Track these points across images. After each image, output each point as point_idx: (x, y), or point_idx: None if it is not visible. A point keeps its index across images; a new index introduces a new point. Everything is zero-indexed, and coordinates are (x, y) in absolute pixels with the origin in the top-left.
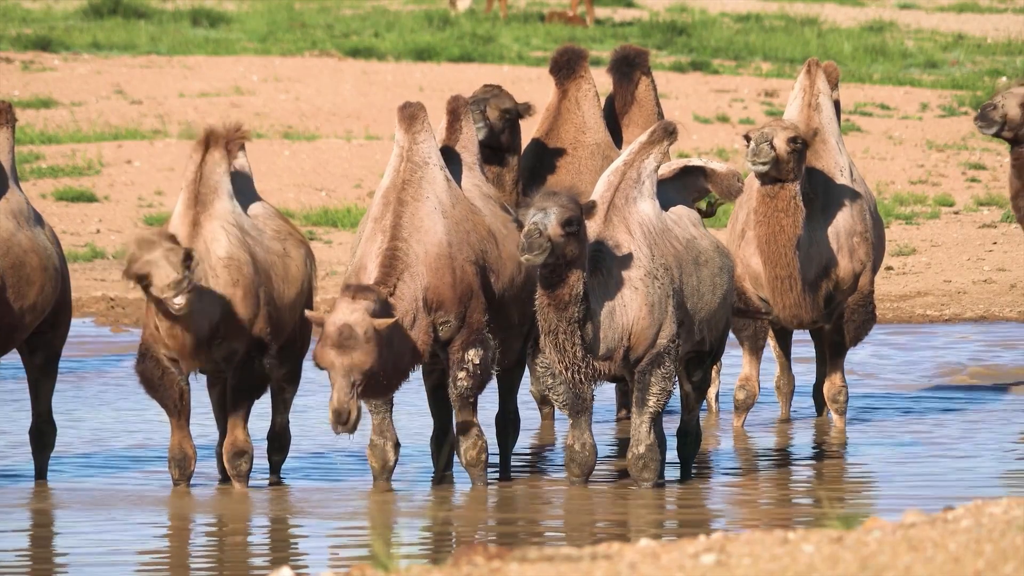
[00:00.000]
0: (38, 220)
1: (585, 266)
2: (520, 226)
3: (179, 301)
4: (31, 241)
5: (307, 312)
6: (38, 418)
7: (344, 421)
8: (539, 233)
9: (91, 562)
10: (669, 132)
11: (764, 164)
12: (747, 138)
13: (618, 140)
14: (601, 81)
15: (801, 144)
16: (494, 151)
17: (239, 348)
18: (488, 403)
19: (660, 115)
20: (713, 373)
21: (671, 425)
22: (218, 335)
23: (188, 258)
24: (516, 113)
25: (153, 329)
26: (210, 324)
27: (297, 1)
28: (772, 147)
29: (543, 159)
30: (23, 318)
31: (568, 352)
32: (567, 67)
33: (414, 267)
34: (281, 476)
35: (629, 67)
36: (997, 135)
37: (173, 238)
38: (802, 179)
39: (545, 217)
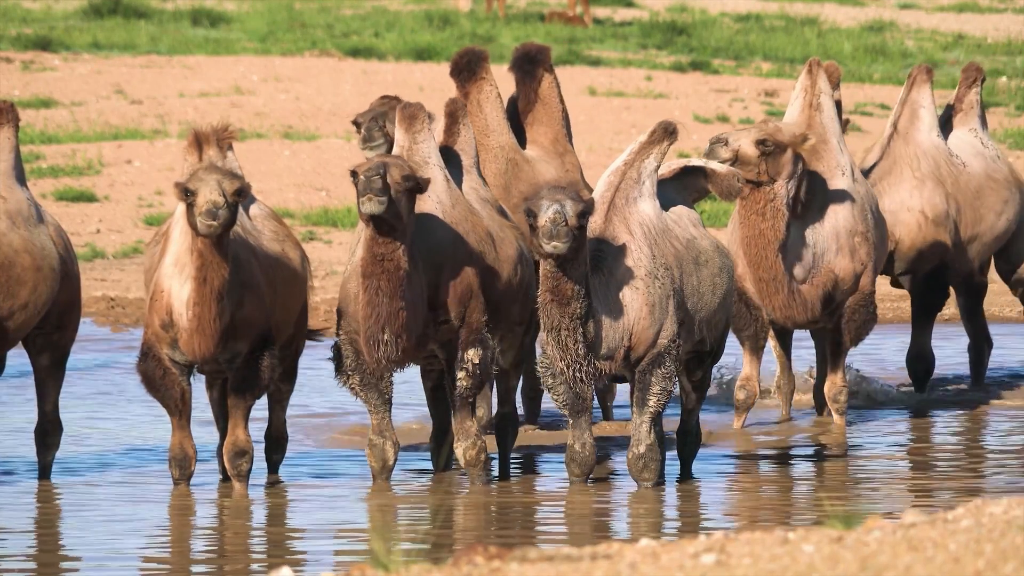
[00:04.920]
0: (40, 220)
1: (587, 262)
2: (530, 216)
3: (211, 221)
4: (25, 241)
5: None
6: (43, 418)
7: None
8: (564, 221)
9: (91, 561)
10: (669, 132)
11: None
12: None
13: (522, 140)
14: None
15: (772, 147)
16: None
17: (243, 349)
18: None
19: (564, 112)
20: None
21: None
22: (228, 335)
23: (239, 192)
24: None
25: (163, 316)
26: (230, 310)
27: (297, 1)
28: (733, 149)
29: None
30: (13, 317)
31: (570, 349)
32: (468, 69)
33: (419, 268)
34: (280, 475)
35: (531, 64)
36: None
37: (236, 174)
38: (791, 181)
39: (562, 208)
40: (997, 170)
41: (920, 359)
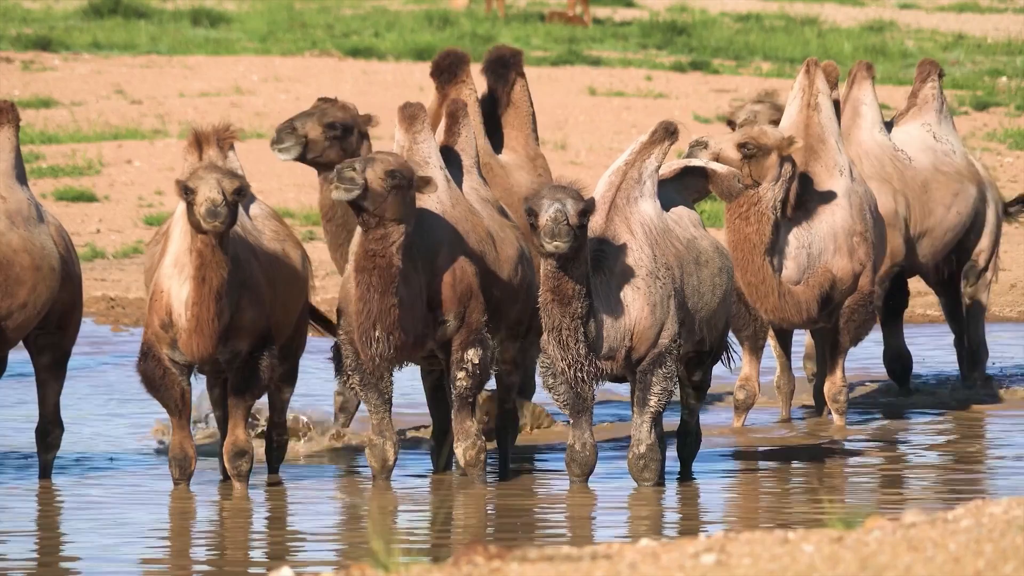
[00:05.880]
0: (40, 220)
1: (588, 261)
2: (531, 215)
3: (213, 220)
4: (24, 240)
5: None
6: (44, 418)
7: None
8: (565, 220)
9: (91, 561)
10: (670, 132)
11: None
12: (730, 123)
13: (494, 142)
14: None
15: (754, 150)
16: (325, 166)
17: (243, 349)
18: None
19: (533, 116)
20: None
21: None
22: (227, 335)
23: (239, 192)
24: (344, 126)
25: (163, 316)
26: (230, 310)
27: (297, 1)
28: (714, 152)
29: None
30: (12, 317)
31: (571, 349)
32: (449, 71)
33: (419, 267)
34: (280, 475)
35: (504, 68)
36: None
37: (236, 173)
38: (778, 184)
39: (564, 207)
40: (946, 163)
41: (897, 359)
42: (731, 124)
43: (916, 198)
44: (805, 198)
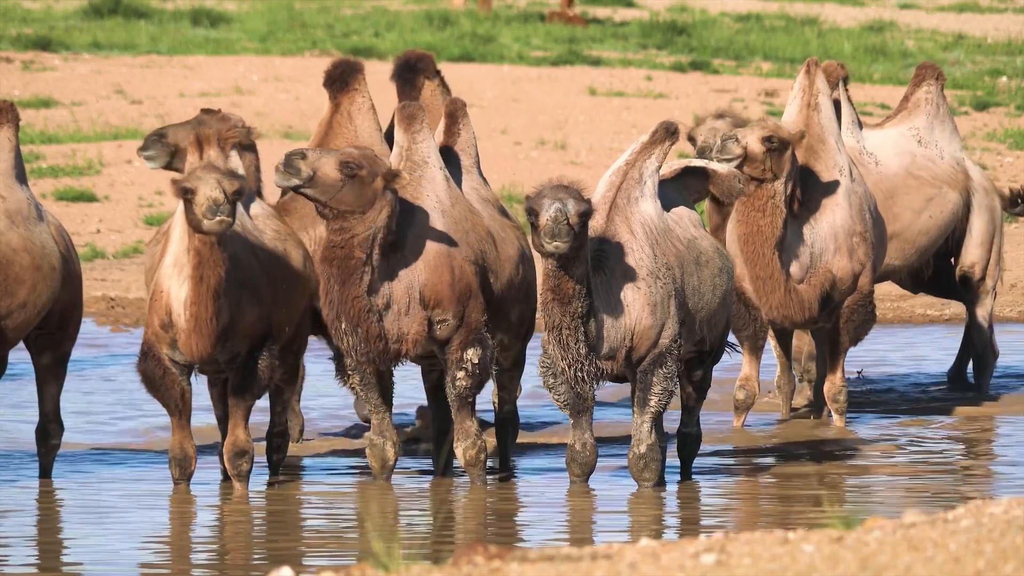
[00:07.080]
0: (40, 219)
1: (588, 261)
2: (532, 215)
3: (213, 221)
4: (24, 240)
5: None
6: (44, 418)
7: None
8: (565, 220)
9: (91, 561)
10: (671, 132)
11: (730, 162)
12: (691, 139)
13: None
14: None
15: (777, 144)
16: None
17: (243, 349)
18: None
19: None
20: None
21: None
22: (227, 335)
23: (238, 192)
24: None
25: (163, 316)
26: (229, 310)
27: (297, 1)
28: (743, 145)
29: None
30: (12, 316)
31: (571, 349)
32: (340, 80)
33: (413, 265)
34: (280, 475)
35: (412, 72)
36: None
37: (236, 172)
38: (790, 180)
39: (564, 207)
40: (924, 168)
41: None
42: (692, 141)
43: (879, 202)
44: (806, 197)
